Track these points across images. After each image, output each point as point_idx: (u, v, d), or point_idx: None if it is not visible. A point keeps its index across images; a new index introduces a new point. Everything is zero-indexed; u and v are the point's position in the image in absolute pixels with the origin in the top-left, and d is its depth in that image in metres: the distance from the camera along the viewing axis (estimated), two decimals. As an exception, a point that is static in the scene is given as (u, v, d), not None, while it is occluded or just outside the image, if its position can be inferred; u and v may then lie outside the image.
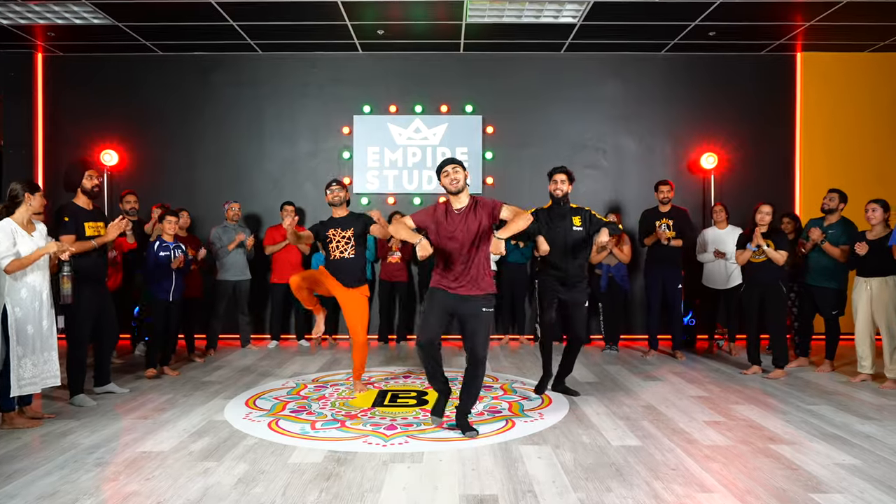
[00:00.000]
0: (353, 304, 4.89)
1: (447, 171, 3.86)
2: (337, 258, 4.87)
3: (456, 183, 3.84)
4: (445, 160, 3.91)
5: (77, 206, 4.67)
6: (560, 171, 4.79)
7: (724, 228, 6.78)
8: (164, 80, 7.82)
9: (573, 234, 4.70)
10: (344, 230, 4.88)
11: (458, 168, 3.86)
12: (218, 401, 4.77)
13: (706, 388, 5.16)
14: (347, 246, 4.87)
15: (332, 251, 4.88)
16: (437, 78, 7.83)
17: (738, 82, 7.78)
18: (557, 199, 4.75)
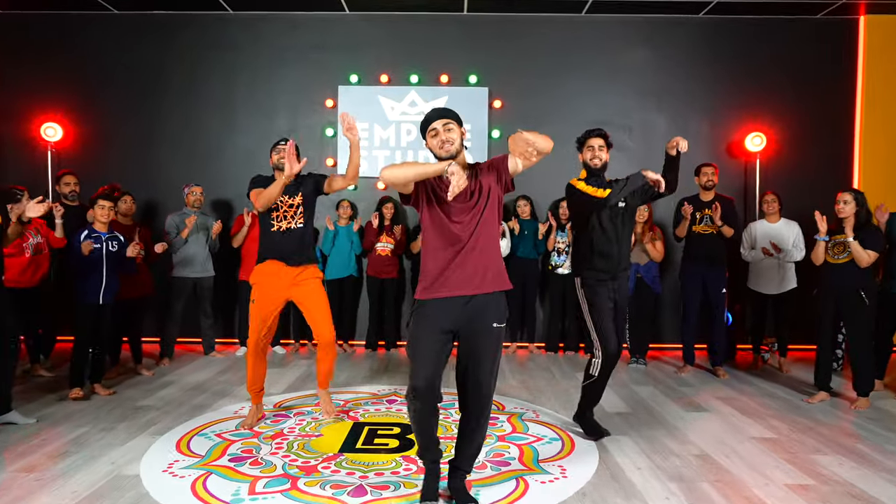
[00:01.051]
0: (305, 292, 3.89)
1: (435, 129, 2.71)
2: (282, 230, 3.85)
3: (448, 145, 2.68)
4: (432, 111, 2.75)
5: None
6: (596, 134, 3.73)
7: (777, 222, 5.65)
8: (119, 43, 6.69)
9: (617, 210, 3.68)
10: (291, 196, 3.87)
11: (451, 124, 2.71)
12: (143, 438, 3.69)
13: (770, 425, 4.06)
14: (296, 213, 3.87)
15: (276, 221, 3.86)
16: (437, 43, 6.69)
17: (790, 50, 6.59)
18: (595, 169, 3.70)
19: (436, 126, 2.70)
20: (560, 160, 6.69)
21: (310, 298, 3.90)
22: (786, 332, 5.77)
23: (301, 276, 3.87)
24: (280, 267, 3.83)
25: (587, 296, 3.68)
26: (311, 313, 3.92)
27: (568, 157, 6.71)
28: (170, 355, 5.92)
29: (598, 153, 3.69)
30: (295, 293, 3.88)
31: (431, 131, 2.72)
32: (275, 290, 3.84)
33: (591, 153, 3.70)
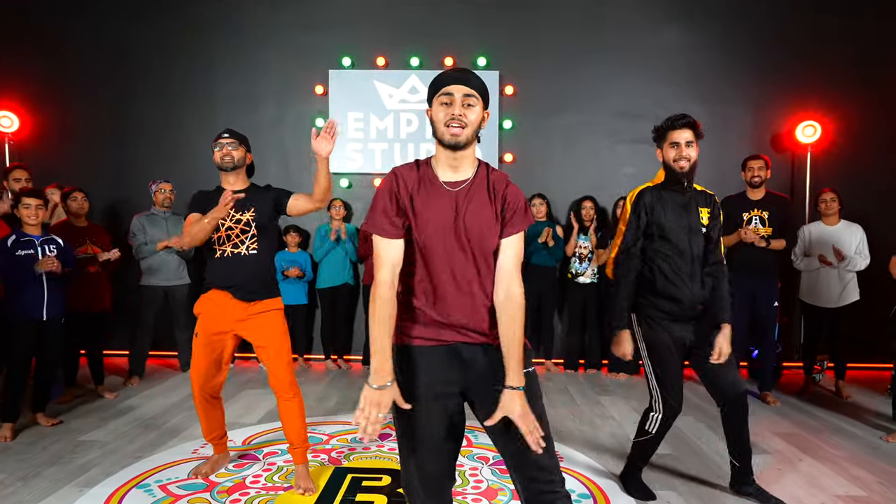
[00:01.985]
0: (256, 327, 3.00)
1: (451, 96, 1.81)
2: (227, 255, 2.96)
3: (458, 127, 1.79)
4: (452, 70, 1.87)
5: None
6: (683, 124, 2.75)
7: (836, 224, 4.86)
8: (85, 24, 6.02)
9: (699, 235, 2.78)
10: (241, 211, 2.97)
11: (473, 98, 1.82)
12: (66, 492, 2.95)
13: (852, 476, 3.26)
14: (244, 236, 2.97)
15: (220, 245, 2.96)
16: (440, 21, 5.95)
17: (848, 26, 5.80)
18: (683, 174, 2.76)
19: (452, 91, 1.82)
20: (578, 154, 5.99)
21: (261, 333, 3.00)
22: (845, 350, 4.96)
23: (253, 310, 2.99)
24: (226, 298, 2.97)
25: (646, 339, 2.84)
26: (263, 349, 3.02)
27: (588, 150, 5.99)
28: (139, 373, 5.22)
29: (686, 151, 2.73)
30: (245, 329, 3.01)
31: (444, 95, 1.83)
32: (221, 325, 2.98)
33: (675, 151, 2.74)
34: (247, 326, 2.99)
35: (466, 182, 1.84)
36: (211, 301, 2.99)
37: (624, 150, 5.96)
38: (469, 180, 1.85)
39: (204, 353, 3.00)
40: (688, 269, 2.72)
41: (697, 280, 2.74)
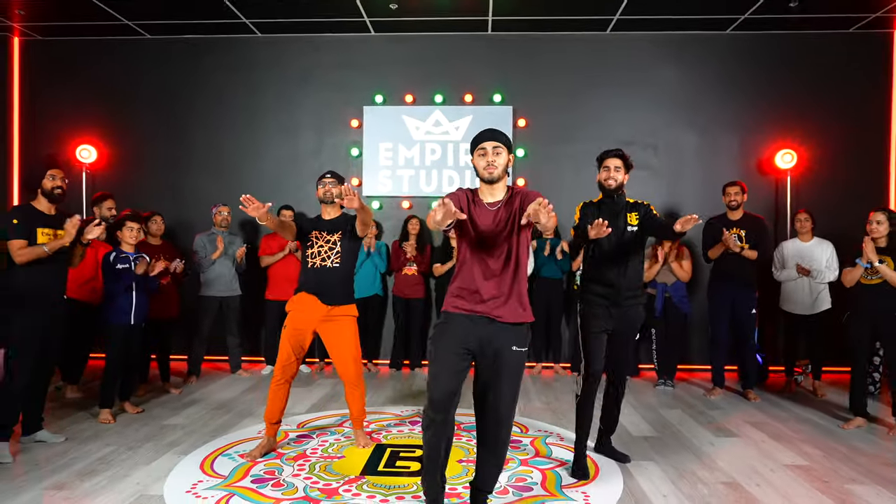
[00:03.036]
0: (334, 330, 3.86)
1: (484, 150, 2.74)
2: (317, 267, 3.84)
3: (492, 168, 2.72)
4: (485, 132, 2.78)
5: (32, 209, 3.89)
6: (613, 154, 3.63)
7: (809, 241, 5.53)
8: (151, 66, 6.88)
9: (628, 234, 3.57)
10: (330, 233, 3.88)
11: (501, 149, 2.75)
12: (168, 458, 3.73)
13: (803, 452, 3.93)
14: (331, 252, 3.85)
15: (311, 258, 3.86)
16: (461, 63, 6.73)
17: (821, 66, 6.49)
18: (610, 190, 3.62)
19: (486, 146, 2.74)
20: (583, 179, 6.68)
21: (337, 335, 3.87)
22: (820, 353, 5.61)
23: (333, 313, 3.84)
24: (313, 301, 3.81)
25: (582, 316, 3.66)
26: (336, 349, 3.89)
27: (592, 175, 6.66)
28: (197, 373, 5.98)
29: (614, 174, 3.59)
30: (324, 329, 3.86)
31: (480, 150, 2.75)
32: (306, 322, 3.82)
33: (606, 174, 3.61)
34: (326, 328, 3.84)
35: (499, 203, 2.77)
36: (300, 302, 3.82)
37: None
38: (502, 200, 2.77)
39: (289, 343, 3.79)
40: (613, 261, 3.54)
41: (623, 270, 3.55)
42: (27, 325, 3.79)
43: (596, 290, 3.59)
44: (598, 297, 3.58)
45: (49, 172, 3.91)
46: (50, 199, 3.93)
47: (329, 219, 3.94)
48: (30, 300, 3.80)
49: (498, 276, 2.68)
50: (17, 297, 3.79)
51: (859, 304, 4.51)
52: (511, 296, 2.68)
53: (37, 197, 3.93)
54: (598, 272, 3.59)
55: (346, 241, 3.87)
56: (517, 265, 2.70)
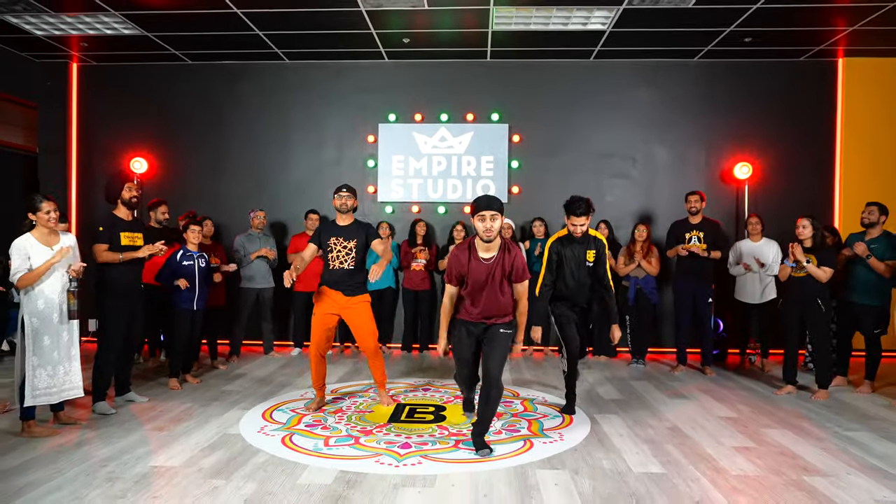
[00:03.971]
0: (354, 313, 4.73)
1: (483, 216, 3.62)
2: (336, 268, 4.69)
3: (489, 233, 3.62)
4: (483, 200, 3.63)
5: (115, 217, 4.81)
6: (580, 212, 4.44)
7: (759, 241, 6.53)
8: (193, 88, 7.90)
9: (585, 267, 4.60)
10: (347, 240, 4.71)
11: (496, 216, 3.61)
12: (235, 412, 4.74)
13: (736, 409, 4.95)
14: (347, 257, 4.69)
15: (332, 261, 4.70)
16: (463, 86, 7.75)
17: (776, 90, 7.52)
18: (575, 238, 4.57)
19: (485, 214, 3.62)
20: (570, 186, 7.69)
21: (357, 317, 4.71)
22: (768, 337, 6.61)
23: (351, 302, 4.69)
24: (335, 294, 4.68)
25: (555, 316, 4.73)
26: (357, 328, 4.74)
27: (578, 183, 7.73)
28: (237, 354, 6.99)
29: (580, 228, 4.48)
30: (345, 314, 4.71)
31: (480, 216, 3.63)
32: (329, 308, 4.68)
33: (574, 227, 4.49)
34: (347, 313, 4.74)
35: (494, 258, 3.76)
36: (324, 294, 4.76)
37: (606, 183, 7.68)
38: (495, 256, 3.77)
39: (319, 326, 4.74)
40: (576, 286, 4.62)
41: (583, 293, 4.66)
42: (115, 309, 4.70)
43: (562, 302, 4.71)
44: (564, 305, 4.70)
45: (127, 185, 4.85)
46: (128, 207, 4.87)
47: (344, 225, 4.76)
48: (118, 290, 4.73)
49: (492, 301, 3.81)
50: (108, 287, 4.71)
51: (790, 294, 5.52)
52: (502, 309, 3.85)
53: (117, 206, 4.86)
54: (561, 293, 4.65)
55: (360, 248, 4.72)
56: (505, 292, 3.83)
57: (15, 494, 3.11)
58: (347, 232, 4.73)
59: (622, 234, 7.45)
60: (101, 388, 4.69)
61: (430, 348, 7.57)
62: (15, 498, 3.07)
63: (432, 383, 5.82)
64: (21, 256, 3.98)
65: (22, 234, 4.09)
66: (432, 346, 7.59)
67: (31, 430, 4.06)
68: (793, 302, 5.48)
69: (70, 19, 6.45)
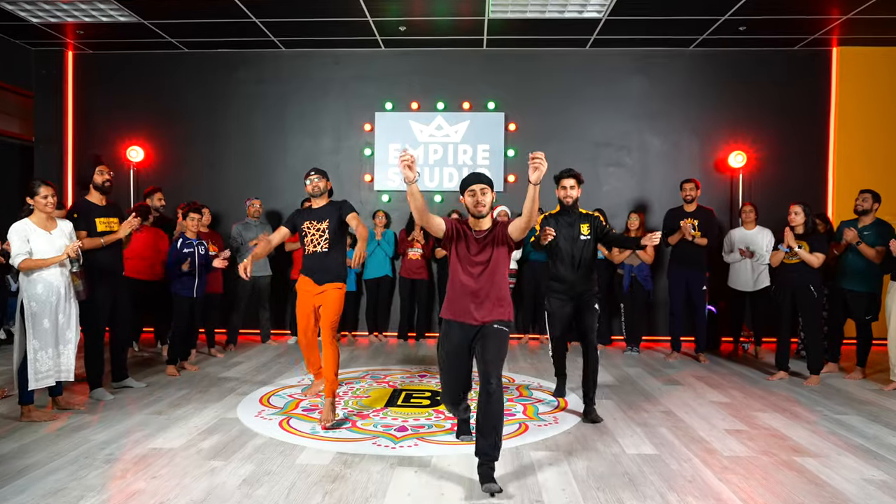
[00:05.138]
0: (321, 300, 4.35)
1: (473, 191, 3.27)
2: (310, 253, 4.41)
3: (481, 207, 3.27)
4: (472, 175, 3.31)
5: (89, 203, 4.72)
6: (567, 174, 4.40)
7: (753, 229, 6.57)
8: (190, 76, 7.89)
9: (580, 242, 4.38)
10: (319, 221, 4.41)
11: (486, 189, 3.28)
12: (232, 398, 4.78)
13: (729, 394, 5.01)
14: (321, 239, 4.38)
15: (307, 245, 4.43)
16: (460, 74, 7.76)
17: (770, 79, 7.55)
18: (567, 205, 4.44)
19: (474, 188, 3.25)
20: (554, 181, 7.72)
21: (323, 303, 4.32)
22: (761, 324, 6.68)
23: (320, 289, 4.33)
24: (308, 282, 4.38)
25: (547, 312, 4.58)
26: (322, 311, 4.34)
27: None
28: (234, 342, 7.02)
29: (570, 191, 4.35)
30: (318, 300, 4.36)
31: (470, 191, 3.26)
32: (306, 298, 4.41)
33: (563, 191, 4.37)
34: (318, 298, 4.37)
35: (485, 233, 3.32)
36: (301, 282, 4.45)
37: (602, 172, 7.71)
38: (486, 232, 3.33)
39: (301, 314, 4.48)
40: (570, 262, 4.38)
41: (577, 270, 4.38)
42: (98, 295, 4.59)
43: (555, 287, 4.46)
44: (557, 294, 4.45)
45: (98, 169, 4.71)
46: (101, 191, 4.73)
47: (317, 207, 4.45)
48: (99, 275, 4.61)
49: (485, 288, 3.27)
50: (89, 273, 4.53)
51: (783, 280, 5.57)
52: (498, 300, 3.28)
53: (90, 191, 4.74)
54: (556, 272, 4.43)
55: (334, 228, 4.36)
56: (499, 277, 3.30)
57: (15, 475, 3.15)
58: (320, 213, 4.45)
59: (617, 223, 7.49)
60: (96, 375, 4.70)
61: (427, 337, 7.62)
62: (16, 478, 3.11)
63: (429, 370, 5.87)
64: (21, 239, 3.99)
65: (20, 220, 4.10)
66: (429, 334, 7.64)
67: (31, 414, 4.09)
68: (785, 288, 5.53)
69: (66, 6, 6.43)
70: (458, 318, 3.31)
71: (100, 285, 4.62)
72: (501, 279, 3.36)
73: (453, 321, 3.34)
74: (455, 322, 3.33)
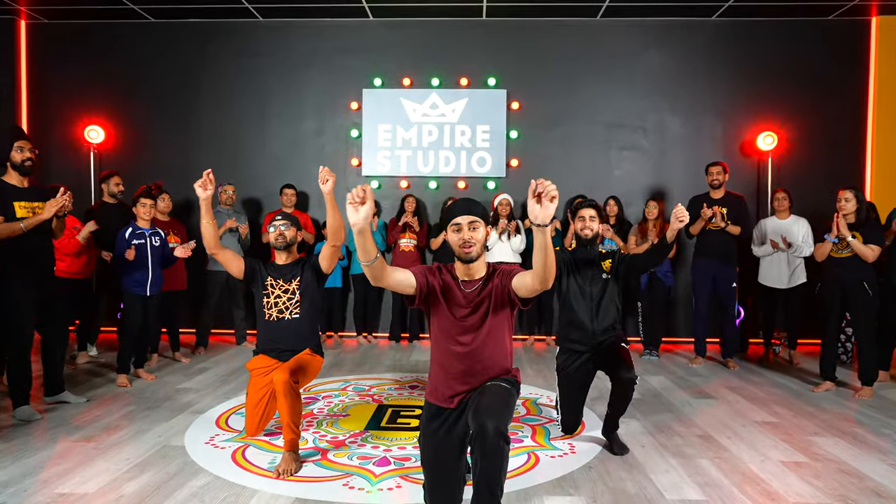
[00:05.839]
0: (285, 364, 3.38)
1: (458, 225, 2.39)
2: (274, 319, 3.49)
3: (469, 247, 2.38)
4: (458, 204, 2.45)
5: (5, 184, 3.93)
6: (588, 205, 3.62)
7: (787, 218, 5.81)
8: (157, 50, 7.08)
9: (601, 281, 3.59)
10: (287, 280, 3.52)
11: (477, 223, 2.39)
12: (185, 416, 4.02)
13: (773, 411, 4.26)
14: (290, 303, 3.50)
15: (268, 309, 3.51)
16: (457, 47, 6.96)
17: (802, 52, 6.75)
18: (585, 240, 3.64)
19: (460, 222, 2.39)
20: (574, 160, 6.96)
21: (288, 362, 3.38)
22: (796, 325, 5.92)
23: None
24: (268, 361, 3.50)
25: (557, 366, 3.66)
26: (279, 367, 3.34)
27: (583, 156, 6.98)
28: (204, 344, 6.26)
29: (589, 223, 3.59)
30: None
31: (454, 226, 2.40)
32: (262, 383, 3.45)
33: (581, 224, 3.61)
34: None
35: (478, 283, 2.44)
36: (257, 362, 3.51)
37: (614, 156, 6.94)
38: (479, 282, 2.44)
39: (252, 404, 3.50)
40: (588, 306, 3.57)
41: (597, 316, 3.55)
42: (19, 291, 3.84)
43: (570, 336, 3.61)
44: (572, 344, 3.60)
45: (17, 144, 3.90)
46: (20, 171, 3.92)
47: (284, 263, 3.60)
48: (18, 270, 3.85)
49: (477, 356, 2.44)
50: (8, 266, 3.83)
51: (830, 276, 4.81)
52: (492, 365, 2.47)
53: (7, 171, 3.94)
54: (571, 317, 3.58)
55: (307, 284, 3.53)
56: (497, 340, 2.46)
57: None
58: (289, 270, 3.58)
59: (632, 212, 6.73)
60: (20, 390, 3.93)
61: (422, 338, 6.86)
62: None
63: (420, 378, 5.11)
64: None
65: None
66: (423, 335, 6.89)
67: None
68: (833, 286, 4.77)
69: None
70: (445, 404, 2.51)
71: (19, 282, 3.85)
72: (501, 349, 2.48)
73: (437, 406, 2.53)
74: (440, 408, 2.52)
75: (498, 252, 6.23)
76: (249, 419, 3.57)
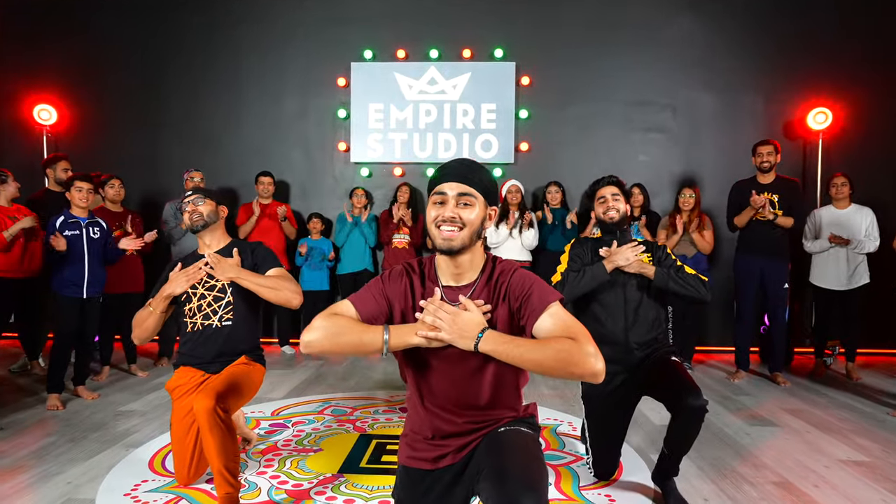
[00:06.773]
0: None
1: (443, 195, 1.64)
2: (199, 328, 2.71)
3: (452, 235, 1.62)
4: (450, 166, 1.68)
5: None
6: (608, 182, 2.88)
7: (847, 207, 4.96)
8: (117, 18, 6.25)
9: (634, 281, 2.77)
10: (214, 278, 2.72)
11: (470, 197, 1.64)
12: (113, 451, 3.17)
13: (857, 445, 3.39)
14: (218, 305, 2.70)
15: (190, 317, 2.73)
16: (459, 15, 6.10)
17: (858, 12, 5.86)
18: (612, 224, 2.85)
19: (446, 191, 1.63)
20: (593, 143, 6.12)
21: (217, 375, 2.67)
22: (855, 333, 5.06)
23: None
24: (193, 374, 2.74)
25: (584, 388, 2.85)
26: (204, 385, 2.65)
27: (602, 138, 6.12)
28: (169, 354, 5.43)
29: (613, 204, 2.83)
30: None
31: (437, 195, 1.65)
32: (187, 403, 2.65)
33: (602, 206, 2.85)
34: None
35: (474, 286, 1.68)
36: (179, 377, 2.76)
37: (638, 139, 6.09)
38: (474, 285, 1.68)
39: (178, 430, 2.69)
40: (621, 314, 2.76)
41: (633, 326, 2.75)
42: None
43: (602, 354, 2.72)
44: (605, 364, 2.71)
45: None
46: None
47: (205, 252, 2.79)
48: None
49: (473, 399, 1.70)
50: None
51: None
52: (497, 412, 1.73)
53: None
54: (599, 329, 2.73)
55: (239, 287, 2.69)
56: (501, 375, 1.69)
57: None
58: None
59: (660, 203, 5.87)
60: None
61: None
62: None
63: (415, 399, 4.25)
64: None
65: None
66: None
67: None
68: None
69: None
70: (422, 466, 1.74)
71: None
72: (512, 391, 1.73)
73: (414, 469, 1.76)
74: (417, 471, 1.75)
75: (507, 249, 5.38)
76: (178, 462, 2.69)
